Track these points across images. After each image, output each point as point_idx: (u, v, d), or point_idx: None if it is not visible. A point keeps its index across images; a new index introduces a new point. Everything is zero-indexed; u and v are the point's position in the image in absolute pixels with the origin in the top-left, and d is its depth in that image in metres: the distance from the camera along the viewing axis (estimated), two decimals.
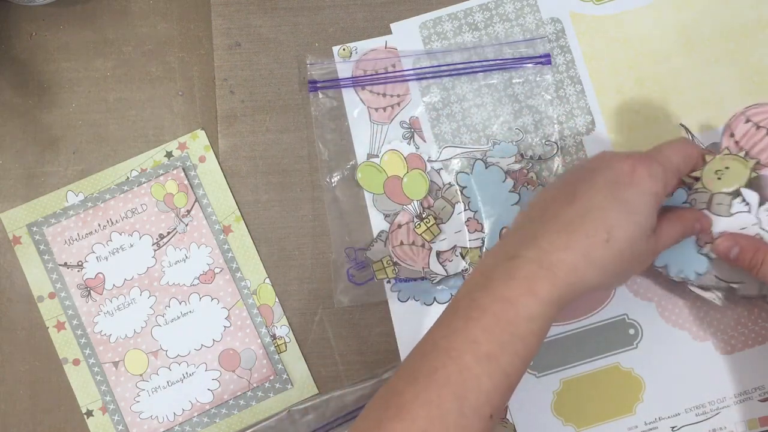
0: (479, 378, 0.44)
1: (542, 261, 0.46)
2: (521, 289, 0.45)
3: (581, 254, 0.46)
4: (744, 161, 0.50)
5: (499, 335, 0.45)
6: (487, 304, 0.46)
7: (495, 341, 0.45)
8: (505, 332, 0.45)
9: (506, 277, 0.46)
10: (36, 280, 0.62)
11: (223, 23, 0.63)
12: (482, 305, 0.46)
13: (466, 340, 0.45)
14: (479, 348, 0.45)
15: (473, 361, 0.44)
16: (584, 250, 0.46)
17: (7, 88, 0.63)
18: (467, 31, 0.63)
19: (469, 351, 0.45)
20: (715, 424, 0.58)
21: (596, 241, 0.46)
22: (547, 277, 0.46)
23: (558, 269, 0.46)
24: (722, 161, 0.51)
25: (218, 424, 0.61)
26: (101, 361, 0.61)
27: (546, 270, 0.46)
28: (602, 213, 0.47)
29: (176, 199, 0.62)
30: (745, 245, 0.53)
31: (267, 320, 0.61)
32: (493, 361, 0.45)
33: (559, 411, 0.59)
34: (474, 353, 0.45)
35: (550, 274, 0.46)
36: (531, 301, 0.45)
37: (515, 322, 0.45)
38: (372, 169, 0.61)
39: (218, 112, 0.63)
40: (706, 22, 0.62)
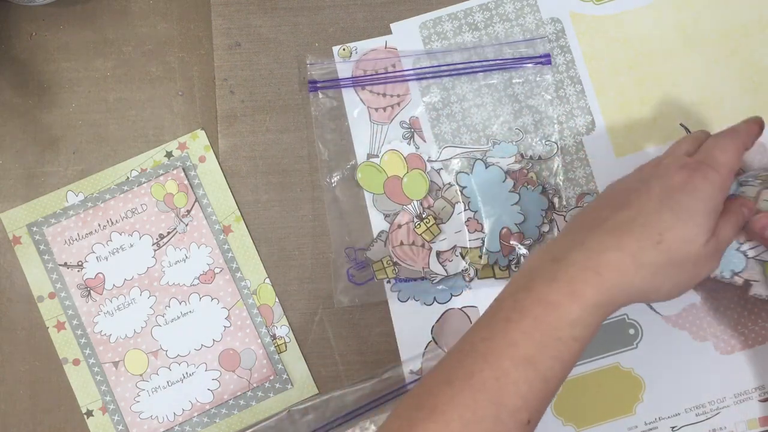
0: (517, 383, 0.43)
1: (588, 262, 0.45)
2: (564, 292, 0.44)
3: (630, 255, 0.45)
4: None
5: (539, 339, 0.44)
6: (528, 305, 0.45)
7: (535, 344, 0.44)
8: (546, 336, 0.44)
9: (549, 278, 0.45)
10: (36, 280, 0.62)
11: (223, 23, 0.63)
12: (523, 307, 0.45)
13: (504, 343, 0.44)
14: (518, 351, 0.44)
15: (511, 366, 0.43)
16: (633, 251, 0.45)
17: (7, 88, 0.64)
18: (467, 31, 0.63)
19: (507, 355, 0.44)
20: (715, 424, 0.58)
21: (647, 243, 0.45)
22: (592, 279, 0.44)
23: (604, 270, 0.44)
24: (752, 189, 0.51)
25: (218, 424, 0.61)
26: (101, 361, 0.61)
27: (591, 271, 0.45)
28: (655, 216, 0.46)
29: (176, 199, 0.62)
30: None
31: (267, 320, 0.61)
32: (531, 366, 0.44)
33: (559, 411, 0.59)
34: (512, 357, 0.44)
35: (596, 275, 0.44)
36: (574, 305, 0.44)
37: (557, 326, 0.44)
38: (372, 169, 0.61)
39: (218, 112, 0.63)
40: (706, 22, 0.62)
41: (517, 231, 0.60)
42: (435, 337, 0.60)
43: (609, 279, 0.44)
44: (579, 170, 0.61)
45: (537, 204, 0.60)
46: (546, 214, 0.60)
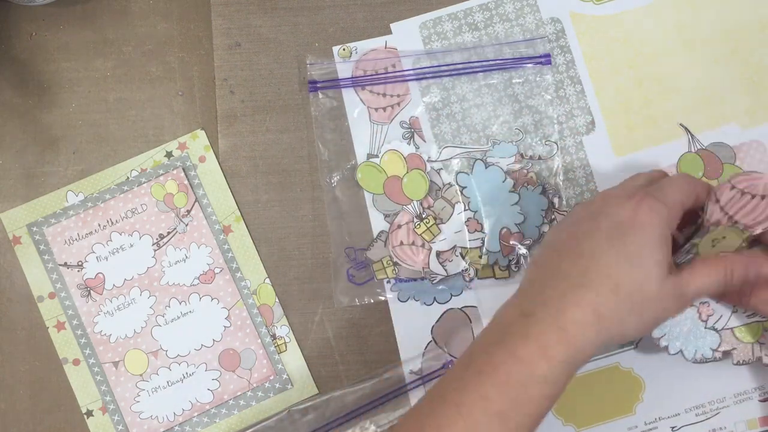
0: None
1: (555, 320, 0.46)
2: (534, 349, 0.45)
3: (591, 310, 0.46)
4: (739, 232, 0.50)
5: (511, 395, 0.44)
6: (501, 360, 0.45)
7: (507, 400, 0.44)
8: (518, 391, 0.45)
9: (521, 335, 0.46)
10: (36, 280, 0.62)
11: (223, 23, 0.63)
12: (496, 361, 0.45)
13: (477, 395, 0.45)
14: (491, 406, 0.44)
15: (483, 420, 0.44)
16: (593, 304, 0.46)
17: (7, 88, 0.63)
18: (467, 31, 0.63)
19: (480, 408, 0.44)
20: (715, 424, 0.58)
21: (604, 294, 0.46)
22: (559, 338, 0.45)
23: (570, 327, 0.45)
24: (722, 231, 0.51)
25: (218, 424, 0.61)
26: (101, 361, 0.61)
27: (559, 329, 0.45)
28: (607, 265, 0.46)
29: (176, 199, 0.62)
30: None
31: (267, 320, 0.61)
32: (504, 421, 0.44)
33: (559, 411, 0.59)
34: (485, 411, 0.44)
35: (563, 333, 0.45)
36: (543, 362, 0.45)
37: (527, 383, 0.45)
38: (372, 169, 0.61)
39: (218, 112, 0.63)
40: (706, 22, 0.62)
41: (517, 231, 0.60)
42: (435, 337, 0.60)
43: (575, 336, 0.45)
44: (579, 170, 0.61)
45: (537, 204, 0.60)
46: (546, 214, 0.60)
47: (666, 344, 0.55)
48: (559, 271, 0.48)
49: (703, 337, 0.56)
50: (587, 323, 0.46)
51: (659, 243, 0.47)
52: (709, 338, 0.56)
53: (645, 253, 0.47)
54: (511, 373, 0.45)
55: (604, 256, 0.47)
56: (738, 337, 0.56)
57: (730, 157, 0.60)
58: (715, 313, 0.56)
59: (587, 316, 0.46)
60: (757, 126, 0.61)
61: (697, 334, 0.56)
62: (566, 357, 0.45)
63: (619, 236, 0.47)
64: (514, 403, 0.44)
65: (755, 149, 0.60)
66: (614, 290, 0.46)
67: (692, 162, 0.60)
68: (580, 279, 0.47)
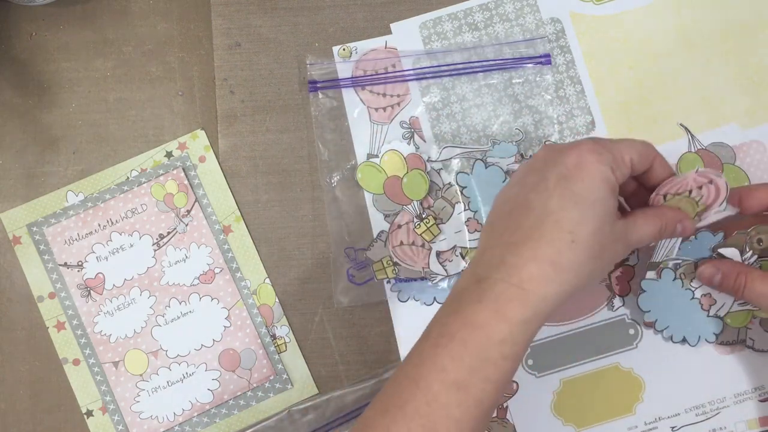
0: (448, 407, 0.43)
1: (511, 279, 0.45)
2: (490, 312, 0.44)
3: (549, 263, 0.45)
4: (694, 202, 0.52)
5: (468, 362, 0.44)
6: (456, 330, 0.45)
7: (464, 368, 0.44)
8: (475, 358, 0.44)
9: (474, 300, 0.45)
10: (36, 280, 0.62)
11: (223, 23, 0.64)
12: (451, 331, 0.45)
13: (434, 368, 0.44)
14: (447, 376, 0.44)
15: (442, 391, 0.44)
16: (551, 257, 0.45)
17: (7, 88, 0.64)
18: (467, 31, 0.63)
19: (437, 380, 0.44)
20: (715, 424, 0.58)
21: (561, 245, 0.45)
22: (517, 295, 0.44)
23: (528, 284, 0.44)
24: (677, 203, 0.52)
25: (218, 424, 0.61)
26: (101, 361, 0.61)
27: (516, 288, 0.44)
28: (560, 214, 0.45)
29: (176, 199, 0.62)
30: (726, 271, 0.54)
31: (267, 320, 0.61)
32: (463, 389, 0.44)
33: (559, 411, 0.59)
34: (442, 382, 0.44)
35: (520, 291, 0.44)
36: (501, 324, 0.44)
37: (485, 347, 0.44)
38: (372, 169, 0.61)
39: (218, 112, 0.63)
40: (706, 22, 0.62)
41: None
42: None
43: (534, 292, 0.44)
44: None
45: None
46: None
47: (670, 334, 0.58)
48: (510, 228, 0.47)
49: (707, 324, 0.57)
50: (546, 277, 0.45)
51: (607, 189, 0.46)
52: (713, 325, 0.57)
53: (596, 200, 0.46)
54: (467, 340, 0.44)
55: (554, 206, 0.46)
56: (727, 323, 0.57)
57: (730, 157, 0.60)
58: (717, 302, 0.57)
59: (546, 271, 0.45)
60: (757, 126, 0.61)
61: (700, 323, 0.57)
62: (526, 316, 0.44)
63: (567, 185, 0.46)
64: (472, 370, 0.44)
65: (755, 149, 0.60)
66: (571, 241, 0.45)
67: (692, 162, 0.60)
68: (534, 233, 0.45)
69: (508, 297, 0.44)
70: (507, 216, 0.48)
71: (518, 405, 0.59)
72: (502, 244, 0.46)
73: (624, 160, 0.48)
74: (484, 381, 0.44)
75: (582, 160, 0.46)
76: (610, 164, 0.47)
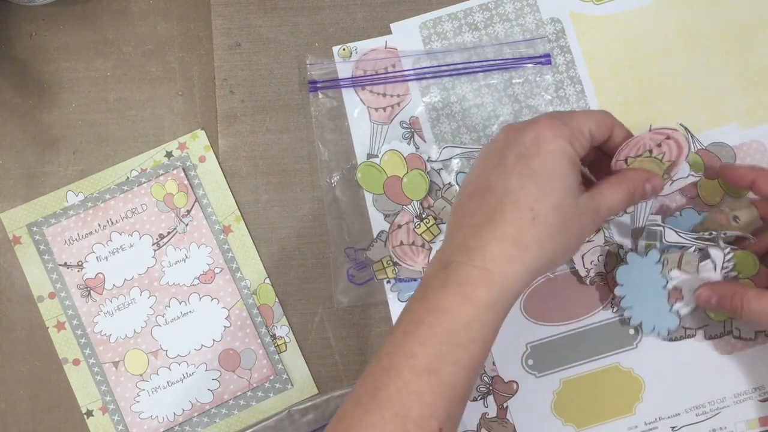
0: (420, 393, 0.44)
1: (474, 261, 0.45)
2: (455, 296, 0.44)
3: (511, 242, 0.45)
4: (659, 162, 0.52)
5: (437, 347, 0.44)
6: (423, 315, 0.45)
7: (432, 353, 0.44)
8: (443, 342, 0.44)
9: (440, 285, 0.45)
10: (36, 280, 0.62)
11: (223, 23, 0.64)
12: (418, 318, 0.45)
13: (403, 355, 0.45)
14: (417, 362, 0.44)
15: (412, 377, 0.44)
16: (513, 236, 0.45)
17: (7, 88, 0.64)
18: (467, 31, 0.63)
19: (407, 367, 0.44)
20: (715, 424, 0.58)
21: (523, 224, 0.45)
22: (481, 277, 0.44)
23: (491, 265, 0.44)
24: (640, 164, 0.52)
25: (218, 424, 0.61)
26: (101, 361, 0.61)
27: (479, 269, 0.44)
28: (520, 193, 0.45)
29: (176, 199, 0.62)
30: (722, 293, 0.54)
31: (267, 320, 0.61)
32: (433, 374, 0.44)
33: (559, 411, 0.59)
34: (412, 368, 0.44)
35: (484, 272, 0.44)
36: (466, 307, 0.44)
37: (452, 331, 0.44)
38: (372, 169, 0.61)
39: (218, 112, 0.63)
40: (706, 22, 0.62)
41: None
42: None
43: (498, 273, 0.44)
44: None
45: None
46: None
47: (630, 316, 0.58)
48: (471, 211, 0.47)
49: (665, 319, 0.57)
50: (510, 257, 0.45)
51: (567, 163, 0.46)
52: (670, 320, 0.57)
53: (555, 175, 0.46)
54: (434, 325, 0.44)
55: (514, 185, 0.46)
56: (711, 317, 0.58)
57: (730, 157, 0.60)
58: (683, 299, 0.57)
59: (509, 250, 0.45)
60: (757, 126, 0.61)
61: (662, 315, 0.57)
62: (492, 298, 0.44)
63: (525, 163, 0.46)
64: (441, 354, 0.44)
65: (755, 149, 0.60)
66: (532, 218, 0.45)
67: (692, 162, 0.60)
68: (495, 214, 0.45)
69: (473, 279, 0.44)
70: (469, 199, 0.48)
71: (518, 405, 0.59)
72: (465, 227, 0.47)
73: (582, 131, 0.48)
74: (454, 365, 0.44)
75: (539, 137, 0.46)
76: (568, 138, 0.47)
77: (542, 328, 0.60)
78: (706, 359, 0.59)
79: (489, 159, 0.48)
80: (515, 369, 0.60)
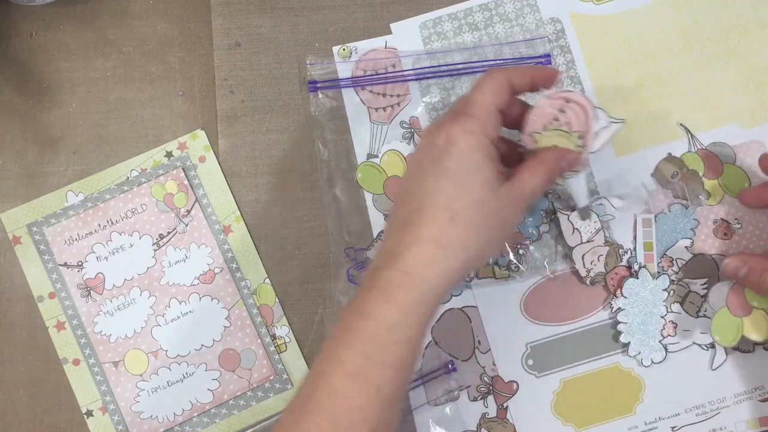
0: (349, 397, 0.44)
1: (396, 264, 0.45)
2: (378, 300, 0.45)
3: (431, 242, 0.45)
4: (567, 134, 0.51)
5: (362, 350, 0.44)
6: (350, 321, 0.46)
7: (359, 357, 0.44)
8: (368, 346, 0.45)
9: (365, 290, 0.46)
10: (36, 280, 0.62)
11: (223, 23, 0.64)
12: (346, 323, 0.46)
13: (332, 361, 0.45)
14: (344, 367, 0.44)
15: (340, 382, 0.44)
16: (433, 236, 0.45)
17: (7, 88, 0.64)
18: (467, 31, 0.63)
19: (336, 372, 0.45)
20: (715, 424, 0.58)
21: (441, 224, 0.45)
22: (402, 280, 0.45)
23: (413, 267, 0.45)
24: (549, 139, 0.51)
25: (218, 424, 0.61)
26: (101, 361, 0.61)
27: (401, 273, 0.45)
28: (437, 193, 0.46)
29: (176, 199, 0.62)
30: (754, 265, 0.53)
31: (267, 320, 0.61)
32: (362, 378, 0.44)
33: (559, 411, 0.59)
34: (340, 373, 0.44)
35: (405, 275, 0.45)
36: (389, 310, 0.45)
37: (376, 334, 0.45)
38: (372, 169, 0.61)
39: (218, 112, 0.63)
40: (706, 22, 0.62)
41: (517, 231, 0.60)
42: (435, 337, 0.60)
43: (419, 274, 0.45)
44: None
45: (537, 204, 0.60)
46: (546, 214, 0.60)
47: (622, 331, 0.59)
48: (396, 218, 0.48)
49: (651, 349, 0.58)
50: (431, 258, 0.45)
51: (481, 157, 0.47)
52: (656, 352, 0.58)
53: (470, 171, 0.46)
54: (359, 330, 0.45)
55: (430, 187, 0.46)
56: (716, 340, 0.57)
57: (730, 157, 0.60)
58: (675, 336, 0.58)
59: (429, 251, 0.45)
60: (757, 126, 0.61)
61: (649, 343, 0.58)
62: (414, 299, 0.45)
63: (440, 163, 0.47)
64: (367, 358, 0.44)
65: (755, 149, 0.60)
66: (450, 217, 0.45)
67: (692, 162, 0.60)
68: (415, 217, 0.46)
69: (395, 283, 0.45)
70: (395, 207, 0.49)
71: (518, 405, 0.59)
72: (390, 234, 0.48)
73: (488, 112, 0.48)
74: (381, 366, 0.45)
75: (450, 136, 0.47)
76: (478, 129, 0.47)
77: (542, 328, 0.60)
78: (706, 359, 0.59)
79: (410, 166, 0.50)
80: (515, 369, 0.60)
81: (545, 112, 0.51)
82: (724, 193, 0.60)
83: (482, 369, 0.60)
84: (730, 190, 0.60)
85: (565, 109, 0.51)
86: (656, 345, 0.58)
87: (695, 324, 0.59)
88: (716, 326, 0.56)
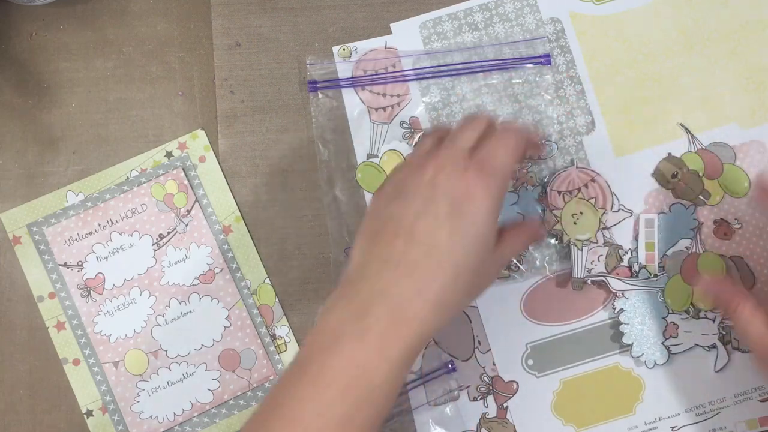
0: None
1: (394, 317, 0.43)
2: (373, 353, 0.43)
3: (433, 301, 0.44)
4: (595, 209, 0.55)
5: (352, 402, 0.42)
6: (339, 369, 0.43)
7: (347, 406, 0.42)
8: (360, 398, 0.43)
9: (357, 338, 0.43)
10: (36, 280, 0.62)
11: (223, 23, 0.64)
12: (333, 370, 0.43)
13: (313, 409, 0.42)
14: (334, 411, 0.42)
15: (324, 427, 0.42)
16: (436, 296, 0.44)
17: (7, 88, 0.64)
18: (467, 31, 0.63)
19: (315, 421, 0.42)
20: (715, 424, 0.58)
21: (446, 282, 0.44)
22: (399, 335, 0.43)
23: (412, 322, 0.43)
24: (578, 205, 0.55)
25: (218, 424, 0.61)
26: (101, 361, 0.61)
27: (398, 326, 0.43)
28: (448, 251, 0.44)
29: (176, 199, 0.62)
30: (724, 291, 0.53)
31: (267, 320, 0.61)
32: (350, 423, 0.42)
33: (559, 411, 0.59)
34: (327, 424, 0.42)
35: (402, 330, 0.43)
36: (383, 365, 0.43)
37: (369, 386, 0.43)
38: (372, 169, 0.61)
39: (218, 112, 0.63)
40: (706, 22, 0.62)
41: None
42: (435, 337, 0.60)
43: (416, 329, 0.44)
44: None
45: (536, 204, 0.60)
46: (545, 214, 0.60)
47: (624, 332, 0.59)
48: (394, 256, 0.45)
49: (656, 350, 0.59)
50: (431, 315, 0.44)
51: (491, 221, 0.46)
52: (659, 353, 0.58)
53: (481, 237, 0.45)
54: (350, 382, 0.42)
55: (444, 241, 0.44)
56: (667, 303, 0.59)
57: (730, 157, 0.60)
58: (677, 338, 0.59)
59: (430, 308, 0.44)
60: (757, 126, 0.61)
61: (653, 346, 0.59)
62: (405, 353, 0.43)
63: (457, 220, 0.45)
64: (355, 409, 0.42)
65: (755, 149, 0.60)
66: (456, 276, 0.44)
67: (692, 162, 0.60)
68: (420, 265, 0.44)
69: (392, 335, 0.43)
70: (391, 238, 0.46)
71: (518, 405, 0.59)
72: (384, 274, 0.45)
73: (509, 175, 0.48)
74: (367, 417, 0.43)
75: (472, 195, 0.45)
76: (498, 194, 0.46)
77: (542, 328, 0.60)
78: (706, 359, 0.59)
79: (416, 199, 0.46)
80: (515, 369, 0.60)
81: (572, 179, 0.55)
82: (724, 193, 0.60)
83: (482, 369, 0.60)
84: (730, 190, 0.60)
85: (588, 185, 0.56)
86: (659, 346, 0.58)
87: (697, 325, 0.59)
88: (669, 291, 0.58)
